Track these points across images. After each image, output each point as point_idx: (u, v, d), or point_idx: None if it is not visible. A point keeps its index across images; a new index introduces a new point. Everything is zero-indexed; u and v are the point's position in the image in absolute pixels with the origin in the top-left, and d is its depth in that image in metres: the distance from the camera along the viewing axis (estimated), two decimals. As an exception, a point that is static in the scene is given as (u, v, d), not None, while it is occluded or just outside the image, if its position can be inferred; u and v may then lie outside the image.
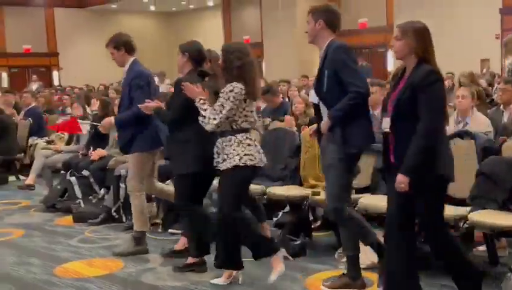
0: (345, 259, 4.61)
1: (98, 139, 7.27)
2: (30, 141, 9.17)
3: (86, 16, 23.52)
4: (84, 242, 5.74)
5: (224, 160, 4.13)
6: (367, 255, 4.41)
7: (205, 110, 4.07)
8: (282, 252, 4.38)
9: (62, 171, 7.37)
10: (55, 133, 9.31)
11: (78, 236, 5.95)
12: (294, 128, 6.38)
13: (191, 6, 24.10)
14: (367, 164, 5.07)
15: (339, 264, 4.71)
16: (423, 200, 3.53)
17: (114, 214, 6.32)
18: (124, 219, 6.24)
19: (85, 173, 6.95)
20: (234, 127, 4.15)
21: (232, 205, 4.19)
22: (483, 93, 6.06)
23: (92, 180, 6.93)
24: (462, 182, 4.37)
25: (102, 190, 6.83)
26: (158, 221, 6.09)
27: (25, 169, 9.05)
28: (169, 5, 23.85)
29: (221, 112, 4.03)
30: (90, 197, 6.93)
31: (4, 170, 8.99)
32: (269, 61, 19.10)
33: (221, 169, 4.16)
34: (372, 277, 4.35)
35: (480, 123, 5.00)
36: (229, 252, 4.27)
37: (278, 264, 4.17)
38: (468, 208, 4.25)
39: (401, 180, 3.40)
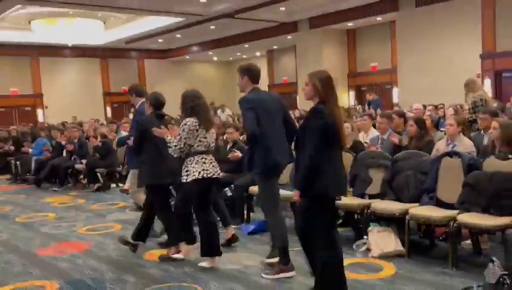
0: (363, 249, 4.58)
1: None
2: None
3: (167, 64, 23.93)
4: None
5: (187, 175, 4.35)
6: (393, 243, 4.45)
7: (170, 142, 4.29)
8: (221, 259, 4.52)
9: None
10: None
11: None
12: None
13: (244, 56, 24.33)
14: (378, 176, 5.00)
15: (356, 253, 4.63)
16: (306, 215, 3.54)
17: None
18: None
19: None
20: (192, 150, 4.35)
21: (198, 207, 4.50)
22: (466, 121, 5.90)
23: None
24: (452, 191, 4.35)
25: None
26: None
27: (123, 179, 9.19)
28: (227, 56, 24.14)
29: (180, 140, 4.26)
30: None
31: (108, 179, 9.13)
32: (300, 95, 19.10)
33: (187, 181, 4.36)
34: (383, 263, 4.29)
35: (465, 145, 4.88)
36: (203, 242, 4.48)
37: (208, 261, 4.45)
38: (456, 211, 4.15)
39: (295, 194, 3.49)
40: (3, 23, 15.66)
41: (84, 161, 9.24)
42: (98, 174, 9.01)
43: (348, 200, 4.68)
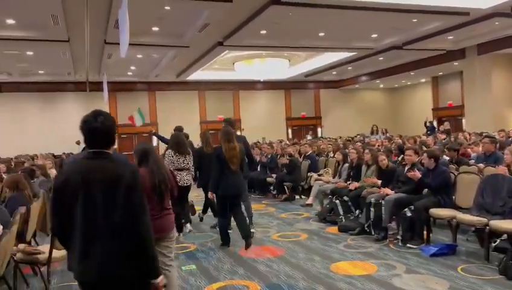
0: None
1: (355, 175, 6.91)
2: (309, 174, 9.09)
3: (339, 93, 23.54)
4: (347, 247, 5.34)
5: None
6: None
7: None
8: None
9: (330, 196, 7.15)
10: (323, 168, 9.22)
11: (343, 242, 5.57)
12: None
13: (408, 83, 22.67)
14: None
15: None
16: None
17: (366, 228, 5.84)
18: (373, 233, 5.71)
19: (345, 198, 6.62)
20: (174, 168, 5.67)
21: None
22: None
23: (350, 203, 6.57)
24: None
25: (357, 210, 6.41)
26: (398, 237, 5.44)
27: (304, 192, 9.08)
28: (393, 83, 22.72)
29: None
30: (349, 215, 6.56)
31: (293, 191, 9.08)
32: (468, 118, 16.87)
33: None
34: None
35: None
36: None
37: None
38: None
39: None
40: (215, 65, 17.16)
41: (274, 175, 9.37)
42: (285, 186, 9.03)
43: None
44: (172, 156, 5.84)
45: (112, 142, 2.15)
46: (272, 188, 9.51)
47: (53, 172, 8.77)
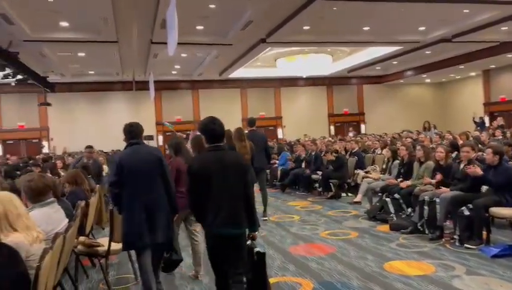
0: None
1: (406, 173, 6.69)
2: (356, 171, 8.91)
3: (383, 88, 22.90)
4: (400, 246, 5.14)
5: None
6: None
7: None
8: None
9: (379, 193, 6.96)
10: (370, 165, 9.01)
11: (395, 241, 5.37)
12: None
13: (457, 77, 21.74)
14: None
15: None
16: None
17: (419, 227, 5.62)
18: (426, 232, 5.50)
19: (396, 195, 6.42)
20: None
21: None
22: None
23: (401, 201, 6.36)
24: None
25: (409, 209, 6.20)
26: (455, 236, 5.19)
27: (351, 189, 8.91)
28: (440, 77, 21.84)
29: None
30: (400, 213, 6.35)
31: (339, 189, 8.93)
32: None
33: None
34: None
35: None
36: None
37: None
38: None
39: None
40: (257, 63, 17.17)
41: (319, 172, 9.26)
42: (331, 184, 8.89)
43: None
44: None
45: (223, 139, 3.02)
46: (317, 185, 9.40)
47: (105, 168, 9.09)
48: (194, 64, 16.77)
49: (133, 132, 3.60)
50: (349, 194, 8.85)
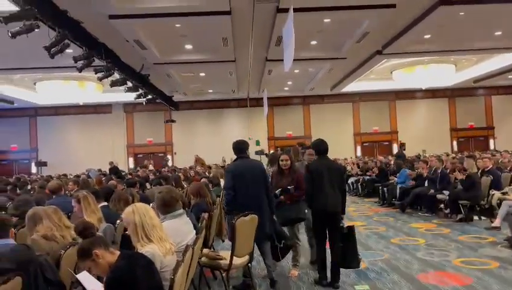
0: None
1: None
2: (491, 192, 7.84)
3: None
4: (558, 284, 4.32)
5: None
6: None
7: None
8: None
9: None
10: (508, 186, 7.87)
11: None
12: None
13: None
14: None
15: None
16: None
17: None
18: None
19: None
20: None
21: None
22: None
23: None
24: None
25: None
26: None
27: (484, 212, 7.88)
28: None
29: None
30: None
31: (470, 211, 7.95)
32: None
33: None
34: None
35: None
36: None
37: None
38: None
39: None
40: (371, 76, 16.53)
41: (446, 192, 8.38)
42: (461, 205, 7.97)
43: None
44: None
45: (327, 152, 4.63)
46: (442, 206, 8.50)
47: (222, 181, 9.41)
48: (306, 80, 16.78)
49: (240, 148, 4.48)
50: (482, 217, 7.83)
